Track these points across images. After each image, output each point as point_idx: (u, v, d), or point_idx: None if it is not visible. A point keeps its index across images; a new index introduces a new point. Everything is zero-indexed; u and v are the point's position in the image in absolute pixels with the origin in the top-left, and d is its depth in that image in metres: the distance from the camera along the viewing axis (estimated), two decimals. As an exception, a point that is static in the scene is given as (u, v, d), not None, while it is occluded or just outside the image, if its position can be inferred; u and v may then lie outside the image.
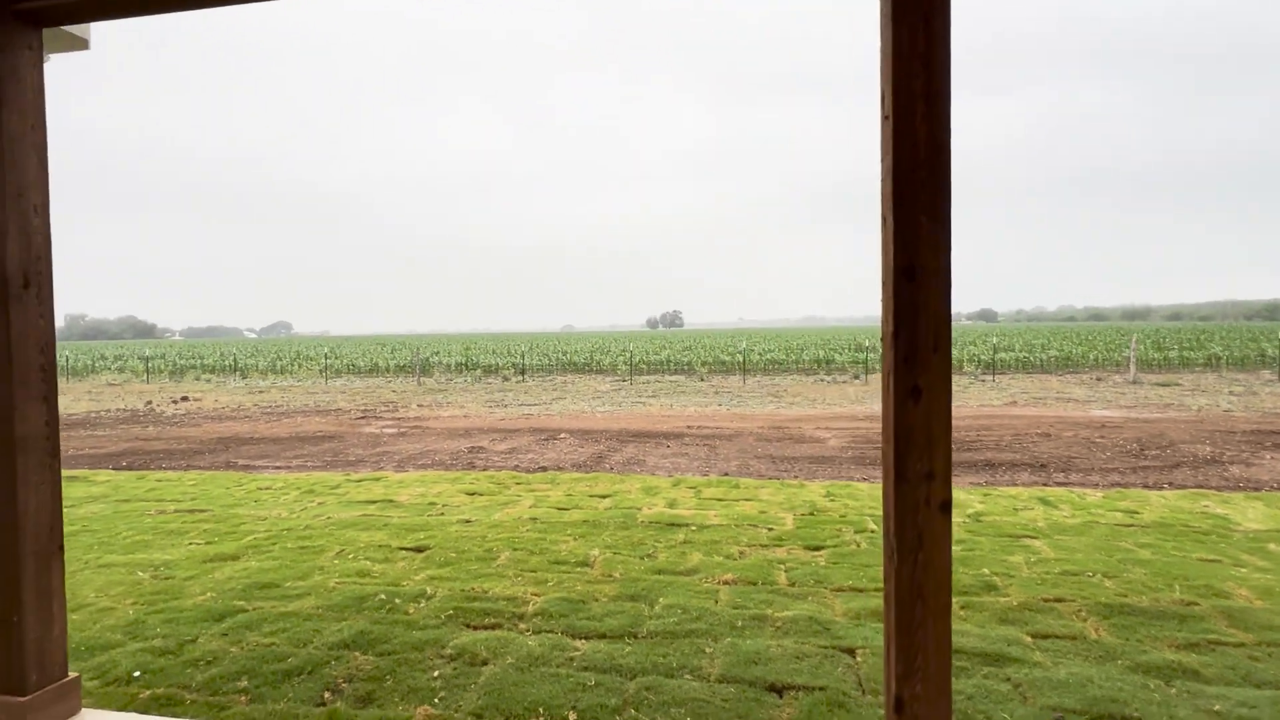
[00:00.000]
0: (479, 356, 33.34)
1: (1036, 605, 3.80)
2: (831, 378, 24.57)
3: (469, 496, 6.67)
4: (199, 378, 29.00)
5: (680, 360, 29.87)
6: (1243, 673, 3.02)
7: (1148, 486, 6.97)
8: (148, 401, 19.42)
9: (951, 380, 1.96)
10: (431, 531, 5.41)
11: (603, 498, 6.53)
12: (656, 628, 3.52)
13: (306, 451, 10.33)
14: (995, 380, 22.30)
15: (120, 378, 29.55)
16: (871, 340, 37.67)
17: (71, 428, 13.76)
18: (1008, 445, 10.01)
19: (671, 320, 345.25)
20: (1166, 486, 6.96)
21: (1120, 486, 6.99)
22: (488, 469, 8.33)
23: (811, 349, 34.36)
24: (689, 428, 12.39)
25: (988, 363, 26.11)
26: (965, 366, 26.50)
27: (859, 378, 24.27)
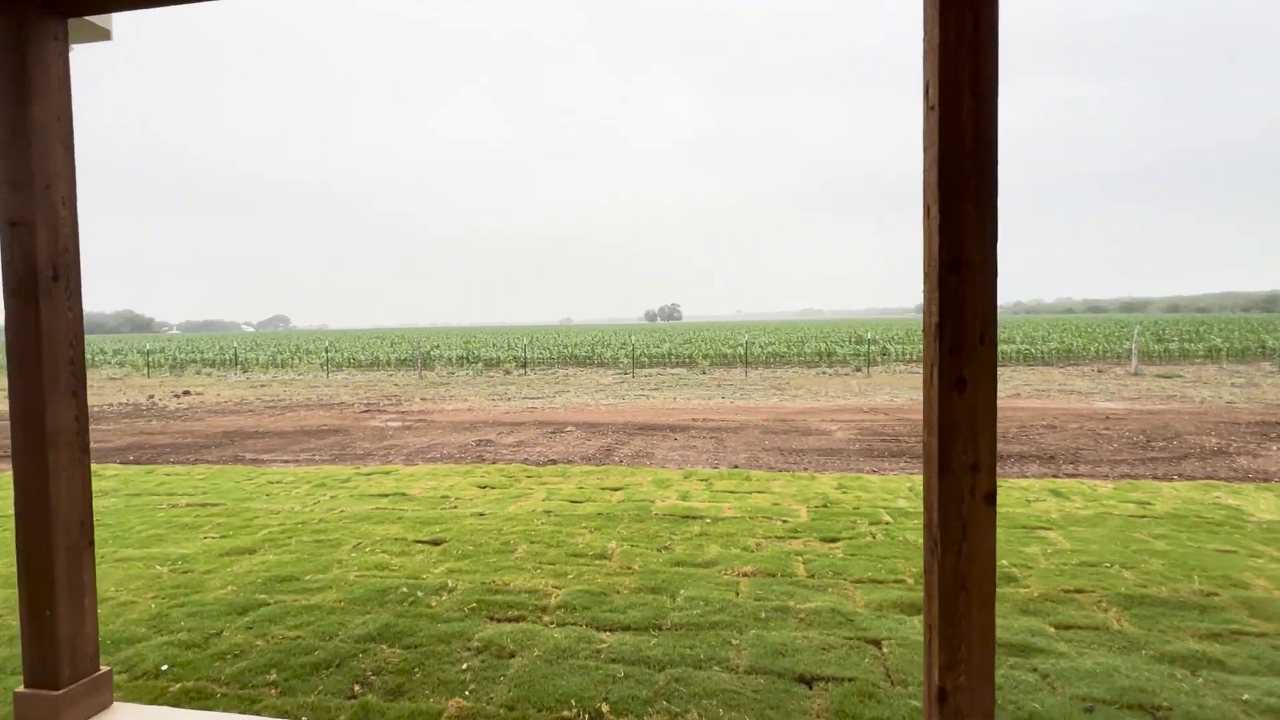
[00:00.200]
0: (479, 350, 33.30)
1: (1057, 596, 3.81)
2: (833, 370, 24.59)
3: (481, 490, 6.67)
4: (199, 372, 28.94)
5: (681, 353, 29.86)
6: (1267, 662, 3.03)
7: (1157, 478, 6.99)
8: (150, 396, 19.38)
9: (997, 372, 1.95)
10: (447, 525, 5.41)
11: (615, 490, 6.53)
12: (680, 619, 3.52)
13: (313, 445, 10.32)
14: (997, 372, 22.32)
15: (120, 372, 29.48)
16: (871, 333, 37.69)
17: (75, 422, 13.72)
18: (1014, 437, 10.03)
19: (670, 313, 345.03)
20: (1176, 478, 6.98)
21: (1130, 478, 7.01)
22: (497, 462, 8.33)
23: (812, 341, 34.38)
24: (694, 420, 12.40)
25: (989, 355, 26.13)
26: (966, 359, 26.51)
27: (860, 370, 24.30)
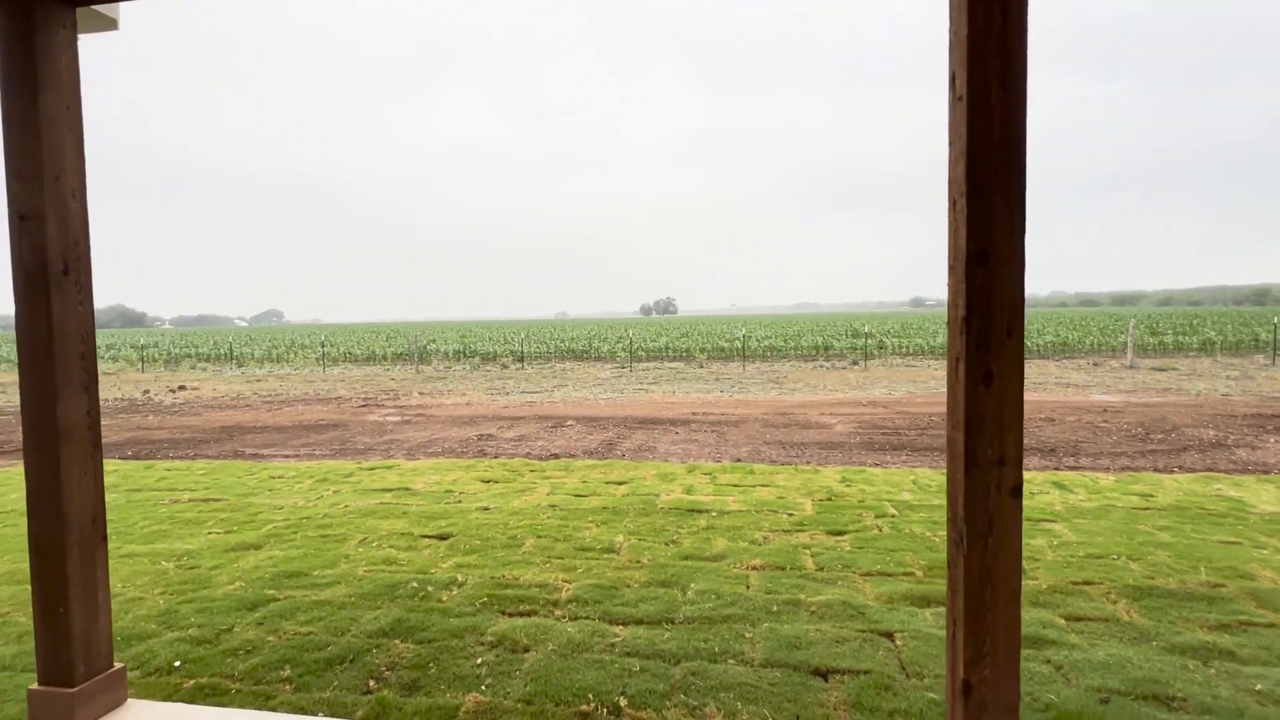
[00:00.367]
0: (476, 344, 33.22)
1: (1065, 588, 3.83)
2: (830, 364, 24.63)
3: (485, 484, 6.65)
4: (194, 366, 28.78)
5: (678, 347, 29.87)
6: (1278, 652, 3.05)
7: (1158, 470, 7.03)
8: (145, 390, 19.27)
9: (1024, 366, 1.95)
10: (452, 519, 5.39)
11: (619, 484, 6.53)
12: (692, 613, 3.53)
13: (313, 440, 10.28)
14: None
15: (114, 367, 29.28)
16: (868, 327, 37.76)
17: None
18: (1014, 430, 10.06)
19: (665, 307, 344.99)
20: (1177, 470, 7.02)
21: (1130, 470, 7.05)
22: (499, 456, 8.31)
23: (808, 335, 34.43)
24: (694, 414, 12.40)
25: (985, 348, 26.22)
26: (963, 352, 26.60)
27: (857, 364, 24.34)
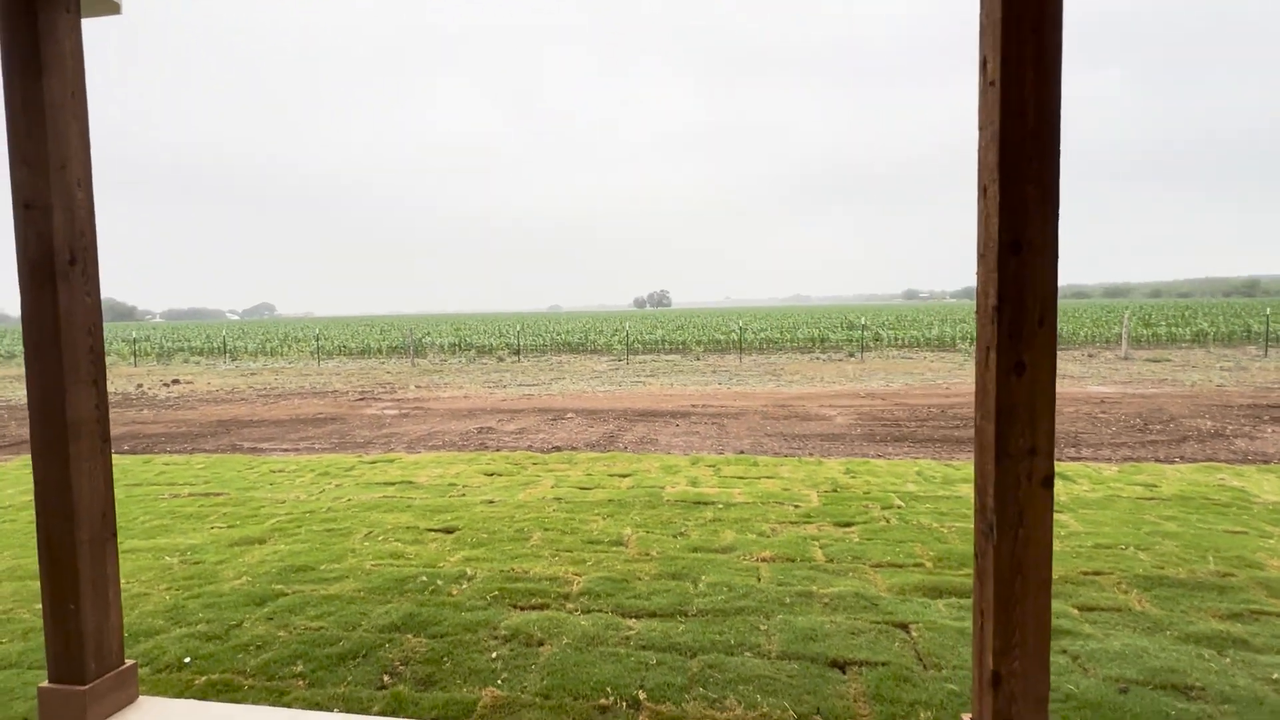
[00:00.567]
0: (471, 337, 33.09)
1: (1076, 578, 3.83)
2: (826, 356, 24.66)
3: (488, 477, 6.62)
4: (187, 360, 28.56)
5: (674, 339, 29.83)
6: (1291, 642, 3.06)
7: (1159, 460, 7.06)
8: (138, 385, 19.11)
9: (1056, 355, 1.92)
10: (457, 512, 5.36)
11: (623, 476, 6.51)
12: (705, 605, 3.51)
13: (311, 434, 10.21)
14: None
15: (106, 360, 29.02)
16: (864, 319, 37.81)
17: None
18: (1013, 421, 10.09)
19: (659, 300, 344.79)
20: (1178, 460, 7.05)
21: (1132, 460, 7.08)
22: (501, 449, 8.27)
23: (804, 327, 34.45)
24: (694, 406, 12.38)
25: (980, 340, 26.31)
26: (959, 344, 26.70)
27: (854, 355, 24.38)
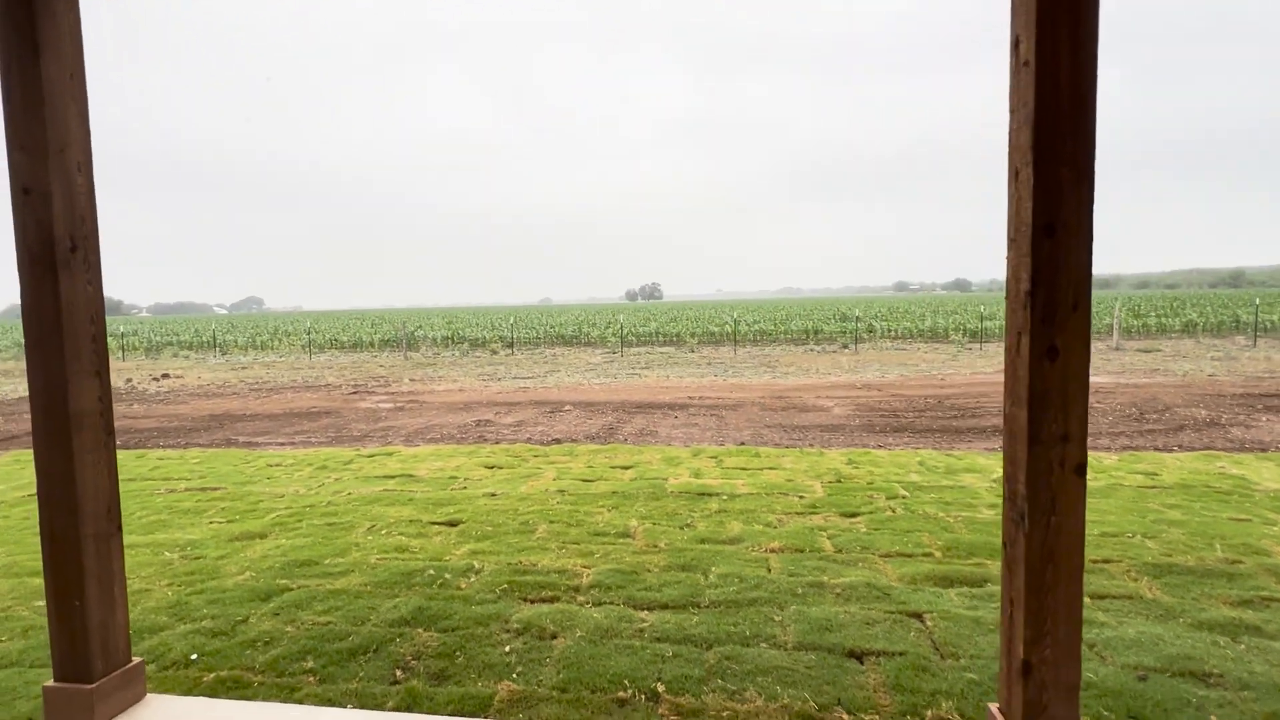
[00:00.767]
0: (464, 330, 32.92)
1: (1087, 566, 3.82)
2: (820, 348, 24.71)
3: (489, 470, 6.57)
4: (177, 354, 28.27)
5: (668, 331, 29.80)
6: (1304, 628, 3.07)
7: (1158, 449, 7.10)
8: (127, 379, 18.88)
9: (1090, 340, 1.90)
10: (460, 505, 5.31)
11: (625, 469, 6.47)
12: (718, 597, 3.48)
13: (306, 428, 10.11)
14: (982, 348, 22.60)
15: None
16: (857, 311, 37.87)
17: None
18: (1010, 411, 10.13)
19: (650, 292, 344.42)
20: (1176, 449, 7.09)
21: (1131, 449, 7.11)
22: (500, 442, 8.22)
23: (797, 319, 34.50)
24: (691, 398, 12.36)
25: (974, 331, 26.45)
26: (952, 335, 26.81)
27: (847, 347, 24.45)
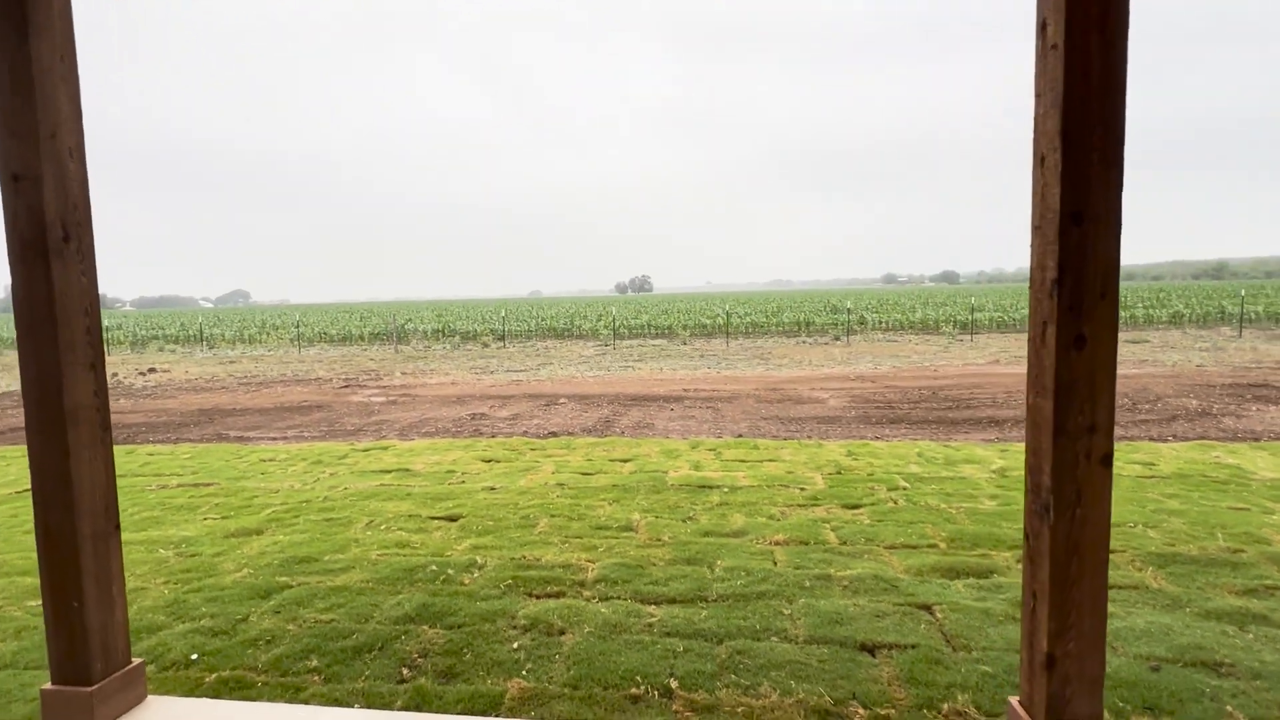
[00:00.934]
0: (454, 323, 32.72)
1: (1091, 557, 3.84)
2: (812, 339, 24.75)
3: (486, 464, 6.51)
4: (163, 348, 27.91)
5: (659, 324, 29.76)
6: (1310, 616, 3.08)
7: (1153, 439, 7.15)
8: (114, 374, 18.61)
9: (1118, 329, 1.87)
10: (459, 500, 5.25)
11: (624, 461, 6.44)
12: (725, 590, 3.46)
13: (298, 422, 10.00)
14: (973, 340, 22.72)
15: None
16: (849, 303, 37.98)
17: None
18: (1004, 403, 10.18)
19: (641, 285, 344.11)
20: (1171, 439, 7.14)
21: (1126, 439, 7.15)
22: (496, 435, 8.15)
23: (788, 311, 34.55)
24: (686, 391, 12.34)
25: (964, 322, 26.59)
26: (942, 327, 26.94)
27: (839, 339, 24.51)
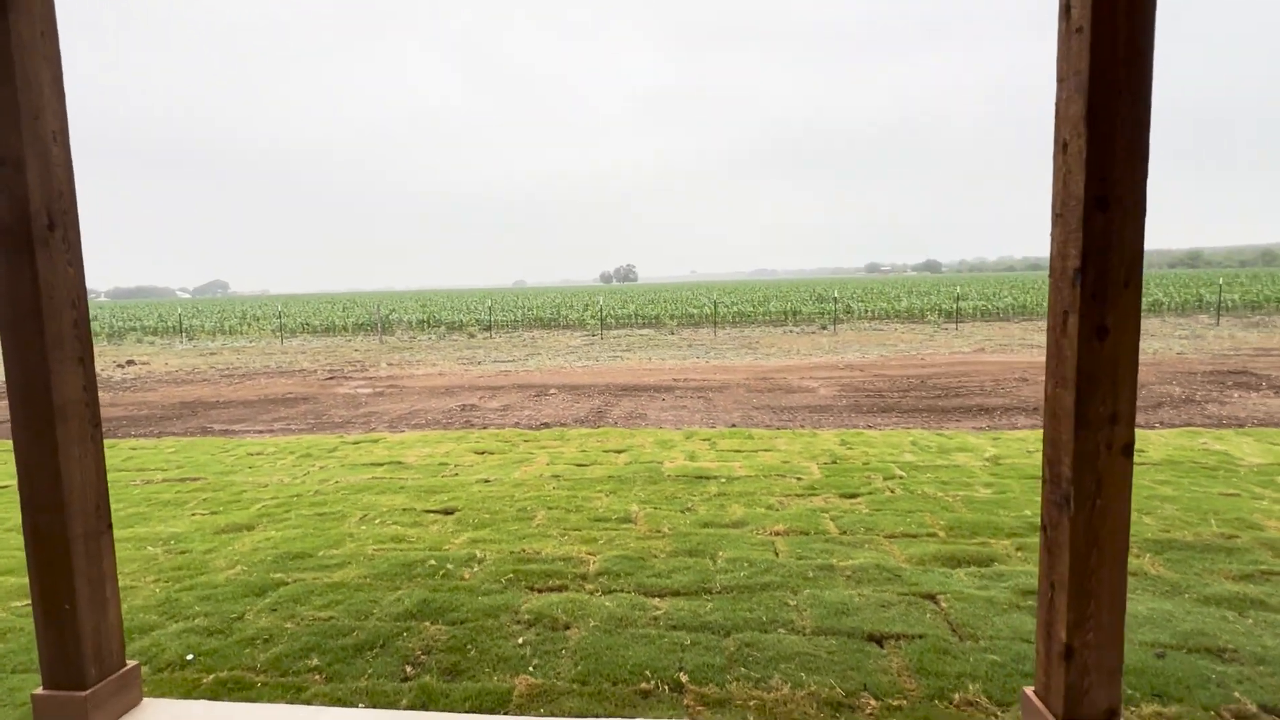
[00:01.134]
0: (439, 313, 32.42)
1: (1088, 544, 3.86)
2: (799, 329, 24.83)
3: (479, 455, 6.44)
4: (141, 340, 27.38)
5: (646, 314, 29.69)
6: (1306, 601, 3.12)
7: (1141, 426, 7.23)
8: (90, 366, 18.22)
9: (1140, 317, 1.85)
10: (454, 493, 5.19)
11: (619, 452, 6.40)
12: (729, 582, 3.44)
13: (284, 414, 9.84)
14: (958, 328, 22.91)
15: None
16: (835, 292, 38.12)
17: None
18: (992, 391, 10.27)
19: (625, 275, 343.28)
20: (1158, 425, 7.24)
21: (1114, 427, 7.23)
22: (488, 427, 8.07)
23: (774, 301, 34.62)
24: (676, 380, 12.31)
25: (949, 311, 26.80)
26: (927, 315, 27.14)
27: (826, 328, 24.60)
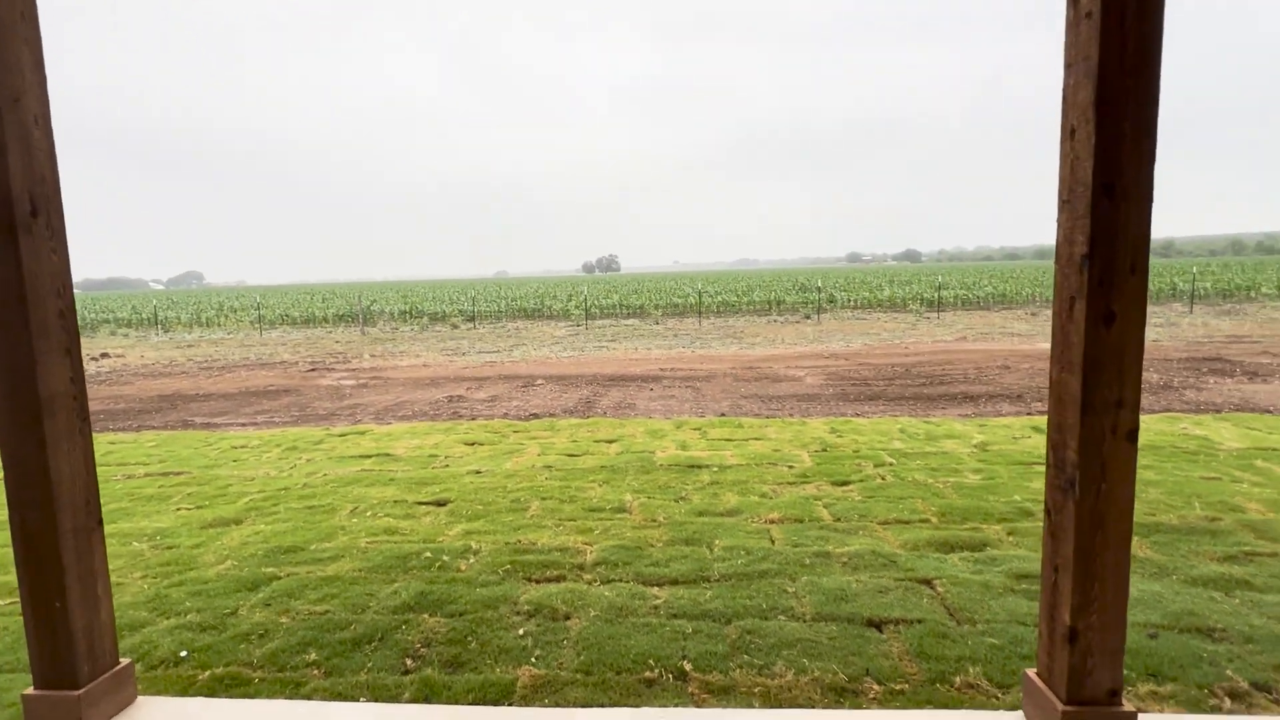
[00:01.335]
0: (422, 304, 32.10)
1: (1077, 528, 3.93)
2: (784, 318, 24.94)
3: (469, 447, 6.39)
4: (114, 333, 26.80)
5: (630, 304, 29.63)
6: (1289, 580, 3.21)
7: (1122, 412, 7.37)
8: (62, 359, 17.80)
9: (1146, 303, 1.86)
10: (445, 484, 5.15)
11: (610, 442, 6.39)
12: (727, 570, 3.44)
13: (266, 407, 9.70)
14: (939, 317, 23.16)
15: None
16: (819, 281, 38.31)
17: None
18: (975, 378, 10.40)
19: (608, 265, 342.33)
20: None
21: (1096, 413, 7.36)
22: (476, 418, 8.02)
23: (758, 290, 34.73)
24: (663, 370, 12.31)
25: (930, 300, 27.07)
26: (910, 304, 27.40)
27: (809, 317, 24.75)
